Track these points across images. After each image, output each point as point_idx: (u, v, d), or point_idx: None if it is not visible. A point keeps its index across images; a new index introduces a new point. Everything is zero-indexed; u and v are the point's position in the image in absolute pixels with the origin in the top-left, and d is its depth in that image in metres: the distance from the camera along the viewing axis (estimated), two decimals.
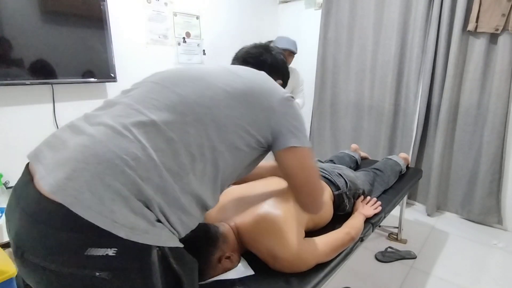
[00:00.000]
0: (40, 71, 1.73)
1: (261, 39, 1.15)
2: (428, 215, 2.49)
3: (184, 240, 0.69)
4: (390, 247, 2.00)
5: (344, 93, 2.92)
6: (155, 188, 0.62)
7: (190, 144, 0.69)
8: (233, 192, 1.16)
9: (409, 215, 2.49)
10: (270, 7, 3.26)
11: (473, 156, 2.31)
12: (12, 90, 1.74)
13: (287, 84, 1.09)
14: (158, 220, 0.62)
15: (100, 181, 0.58)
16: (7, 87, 1.70)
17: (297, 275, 0.97)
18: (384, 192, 1.71)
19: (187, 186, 0.67)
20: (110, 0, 1.99)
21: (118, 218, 0.57)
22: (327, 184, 1.37)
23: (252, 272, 0.97)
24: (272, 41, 2.26)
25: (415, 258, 1.93)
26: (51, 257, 0.57)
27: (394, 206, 1.64)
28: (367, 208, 1.39)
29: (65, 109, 1.94)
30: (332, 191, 1.35)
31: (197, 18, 2.61)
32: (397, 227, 2.13)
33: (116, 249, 0.57)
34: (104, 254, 0.56)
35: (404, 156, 2.07)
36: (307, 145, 0.84)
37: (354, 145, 2.28)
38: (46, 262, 0.57)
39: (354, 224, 1.22)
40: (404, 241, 2.10)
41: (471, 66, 2.23)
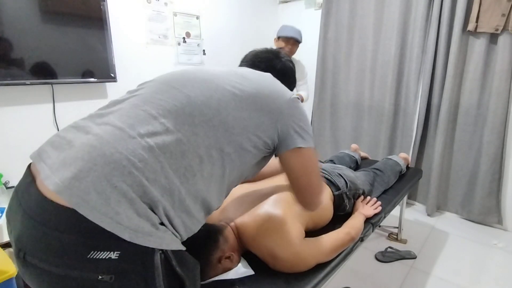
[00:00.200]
0: (40, 71, 1.73)
1: (261, 39, 1.15)
2: (428, 215, 2.49)
3: (185, 241, 0.69)
4: (390, 247, 2.00)
5: (344, 93, 2.92)
6: (162, 190, 0.62)
7: (199, 146, 0.68)
8: (234, 192, 1.16)
9: (409, 215, 2.49)
10: (270, 7, 3.26)
11: (473, 156, 2.31)
12: (12, 90, 1.74)
13: None
14: (161, 223, 0.62)
15: (107, 182, 0.57)
16: (7, 87, 1.70)
17: (297, 275, 0.97)
18: (384, 192, 1.71)
19: (193, 188, 0.67)
20: (110, 0, 1.99)
21: (123, 220, 0.56)
22: (327, 185, 1.37)
23: (252, 272, 0.97)
24: (282, 48, 2.26)
25: (415, 258, 1.93)
26: (53, 260, 0.57)
27: (394, 206, 1.64)
28: (367, 208, 1.39)
29: (65, 109, 1.94)
30: (332, 192, 1.35)
31: (197, 18, 2.61)
32: (397, 227, 2.13)
33: (119, 253, 0.56)
34: (107, 258, 0.56)
35: (404, 156, 2.07)
36: (312, 146, 0.84)
37: (354, 145, 2.28)
38: (48, 265, 0.57)
39: (354, 224, 1.22)
40: (404, 241, 2.10)
41: (471, 66, 2.23)
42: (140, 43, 2.28)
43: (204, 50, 2.70)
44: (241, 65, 1.02)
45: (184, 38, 2.55)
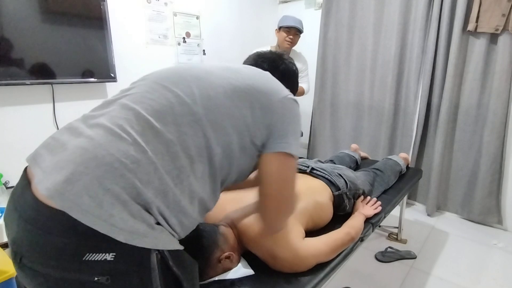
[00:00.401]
0: (40, 71, 1.73)
1: (261, 39, 1.15)
2: (428, 215, 2.48)
3: (184, 240, 0.69)
4: (390, 247, 2.00)
5: (344, 93, 2.91)
6: (156, 192, 0.61)
7: (189, 146, 0.68)
8: (234, 193, 1.16)
9: (409, 215, 2.49)
10: (270, 7, 3.26)
11: (473, 156, 2.31)
12: (12, 90, 1.74)
13: None
14: (158, 223, 0.62)
15: (99, 185, 0.57)
16: (7, 87, 1.70)
17: (297, 275, 0.96)
18: (384, 192, 1.71)
19: (188, 188, 0.67)
20: (110, 0, 1.99)
21: (117, 222, 0.56)
22: (327, 185, 1.37)
23: (252, 272, 0.97)
24: (286, 52, 2.23)
25: (415, 258, 1.93)
26: (49, 263, 0.57)
27: (394, 206, 1.64)
28: (367, 208, 1.39)
29: (65, 109, 1.94)
30: (332, 192, 1.35)
31: (197, 18, 2.61)
32: (397, 227, 2.13)
33: (115, 254, 0.56)
34: (103, 259, 0.56)
35: (404, 156, 2.07)
36: (295, 154, 0.81)
37: (354, 145, 2.28)
38: (44, 268, 0.57)
39: (354, 224, 1.22)
40: (404, 241, 2.10)
41: (471, 66, 2.23)
42: (140, 43, 2.28)
43: (204, 50, 2.70)
44: (244, 64, 1.01)
45: (184, 38, 2.55)
